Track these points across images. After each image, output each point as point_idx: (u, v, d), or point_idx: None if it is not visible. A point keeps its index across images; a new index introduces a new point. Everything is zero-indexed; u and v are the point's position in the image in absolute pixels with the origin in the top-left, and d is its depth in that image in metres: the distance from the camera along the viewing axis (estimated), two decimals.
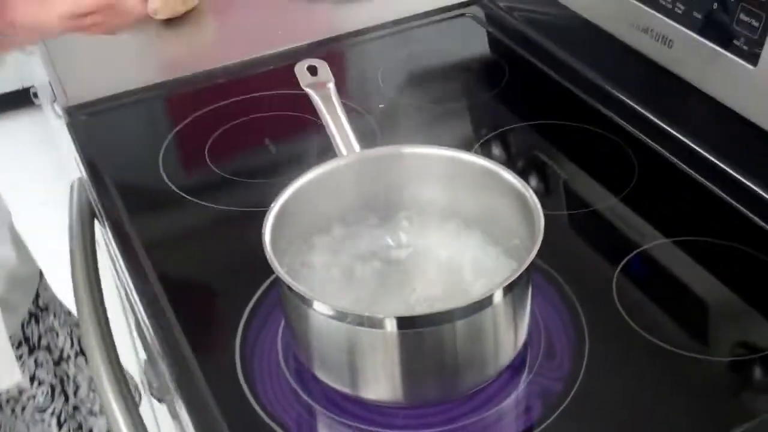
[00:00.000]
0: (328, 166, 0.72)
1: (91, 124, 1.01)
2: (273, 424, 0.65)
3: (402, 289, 0.69)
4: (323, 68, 0.85)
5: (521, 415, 0.66)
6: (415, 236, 0.72)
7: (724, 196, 0.85)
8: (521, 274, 0.61)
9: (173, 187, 0.90)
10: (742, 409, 0.67)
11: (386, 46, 1.15)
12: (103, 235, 0.95)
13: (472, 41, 1.18)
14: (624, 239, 0.82)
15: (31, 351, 0.91)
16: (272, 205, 0.67)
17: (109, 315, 0.83)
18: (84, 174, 0.96)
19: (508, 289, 0.61)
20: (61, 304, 1.00)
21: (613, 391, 0.67)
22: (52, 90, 1.11)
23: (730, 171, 0.86)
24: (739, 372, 0.69)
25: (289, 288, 0.62)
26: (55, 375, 0.95)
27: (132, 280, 0.79)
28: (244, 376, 0.68)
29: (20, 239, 0.94)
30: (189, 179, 0.92)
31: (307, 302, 0.62)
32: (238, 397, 0.67)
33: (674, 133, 0.91)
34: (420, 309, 0.66)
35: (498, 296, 0.61)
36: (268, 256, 0.62)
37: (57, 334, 0.97)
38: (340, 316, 0.60)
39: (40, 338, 0.93)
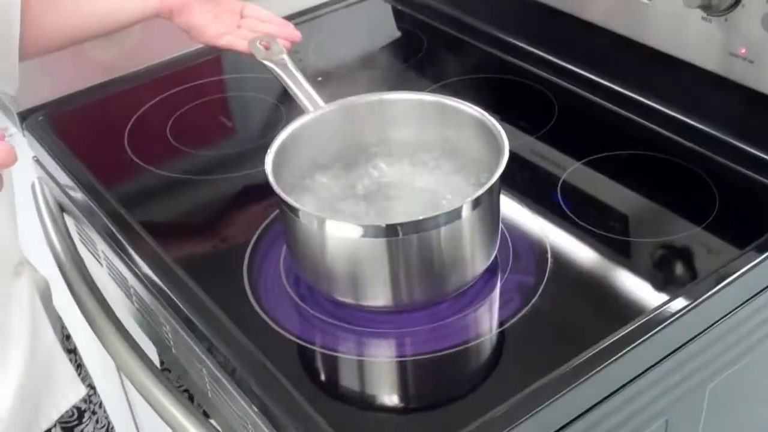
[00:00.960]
0: (310, 115, 0.81)
1: (46, 125, 1.07)
2: (281, 330, 0.74)
3: (385, 214, 0.78)
4: (274, 42, 0.94)
5: (504, 306, 0.76)
6: (392, 171, 0.82)
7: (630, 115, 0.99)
8: (490, 187, 0.72)
9: (146, 166, 0.97)
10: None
11: (308, 30, 1.24)
12: (77, 226, 1.01)
13: (385, 19, 1.29)
14: (560, 161, 0.94)
15: None
16: (270, 147, 0.76)
17: None
18: (48, 171, 1.02)
19: (481, 199, 0.71)
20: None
21: (577, 272, 0.79)
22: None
23: (631, 94, 0.99)
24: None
25: (290, 207, 0.71)
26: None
27: (134, 250, 0.85)
28: (255, 298, 0.77)
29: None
30: (159, 158, 0.99)
31: (310, 218, 0.71)
32: (250, 313, 0.76)
33: (588, 74, 1.04)
34: None
35: (469, 207, 0.71)
36: (271, 182, 0.71)
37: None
38: (339, 228, 0.70)
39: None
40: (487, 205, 0.73)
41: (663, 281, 0.78)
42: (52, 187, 1.04)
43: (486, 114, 0.78)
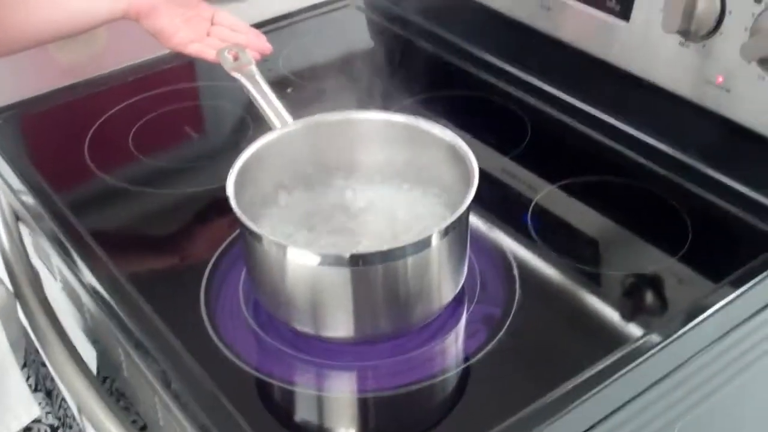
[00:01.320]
0: (276, 133, 0.78)
1: (5, 129, 1.03)
2: (237, 361, 0.71)
3: (351, 239, 0.75)
4: (243, 52, 0.91)
5: (469, 338, 0.74)
6: (359, 194, 0.79)
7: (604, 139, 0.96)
8: (460, 216, 0.69)
9: (104, 175, 0.94)
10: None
11: (280, 38, 1.21)
12: (31, 236, 0.98)
13: (359, 30, 1.26)
14: (532, 183, 0.91)
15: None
16: (233, 166, 0.73)
17: None
18: (3, 176, 0.98)
19: (450, 228, 0.69)
20: None
21: (546, 303, 0.76)
22: None
23: (605, 118, 0.98)
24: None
25: (251, 232, 0.68)
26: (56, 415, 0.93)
27: (86, 264, 0.82)
28: (211, 324, 0.74)
29: None
30: (118, 169, 0.95)
31: (271, 245, 0.68)
32: (205, 340, 0.73)
33: (562, 95, 1.02)
34: None
35: (438, 236, 0.68)
36: (232, 205, 0.68)
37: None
38: (301, 256, 0.67)
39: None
40: (456, 233, 0.70)
41: (634, 314, 0.76)
42: (8, 193, 1.00)
43: (457, 137, 0.75)
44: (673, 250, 0.81)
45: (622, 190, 0.89)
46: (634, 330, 0.73)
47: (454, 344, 0.75)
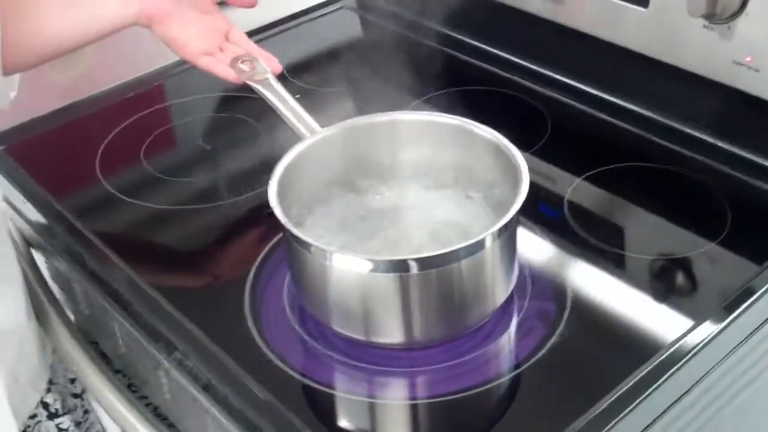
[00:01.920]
0: (312, 139, 0.76)
1: (7, 157, 1.00)
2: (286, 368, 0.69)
3: (393, 243, 0.74)
4: (257, 62, 0.89)
5: (522, 339, 0.72)
6: (398, 196, 0.77)
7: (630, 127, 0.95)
8: (512, 217, 0.67)
9: (124, 197, 0.91)
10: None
11: (277, 45, 1.19)
12: (48, 262, 0.95)
13: (357, 31, 1.24)
14: (559, 176, 0.90)
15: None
16: (272, 176, 0.71)
17: None
18: (16, 207, 0.95)
19: (503, 230, 0.67)
20: None
21: (597, 298, 0.75)
22: None
23: (630, 106, 0.96)
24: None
25: (296, 238, 0.66)
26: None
27: (121, 288, 0.79)
28: (259, 334, 0.72)
29: None
30: (136, 187, 0.92)
31: (319, 252, 0.66)
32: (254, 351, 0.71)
33: (583, 86, 1.00)
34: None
35: (492, 238, 0.66)
36: (278, 215, 0.67)
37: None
38: (353, 263, 0.65)
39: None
40: (508, 233, 0.68)
41: (683, 304, 0.74)
42: (19, 221, 0.96)
43: (500, 136, 0.74)
44: (712, 235, 0.80)
45: (653, 175, 0.88)
46: (685, 320, 0.72)
47: (507, 346, 0.73)
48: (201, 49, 0.89)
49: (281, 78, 1.05)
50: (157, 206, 0.89)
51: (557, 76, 1.03)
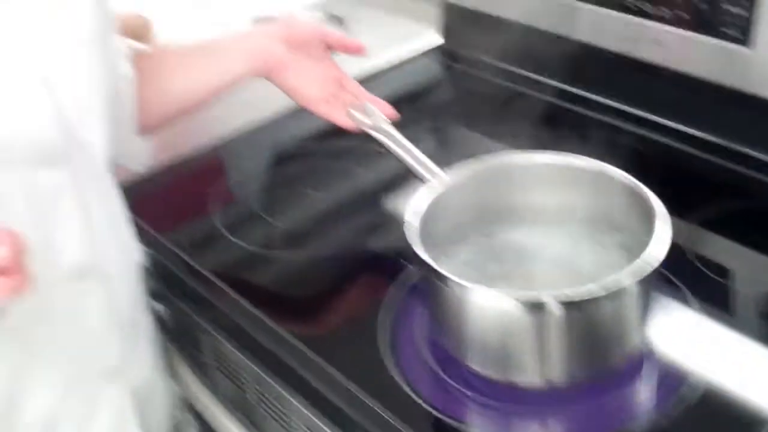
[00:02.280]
0: (444, 184, 0.78)
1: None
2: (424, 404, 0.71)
3: (524, 284, 0.75)
4: (374, 111, 0.91)
5: (659, 386, 0.72)
6: (529, 238, 0.79)
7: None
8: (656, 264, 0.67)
9: (243, 245, 0.93)
10: None
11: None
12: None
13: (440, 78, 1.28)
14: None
15: None
16: (407, 223, 0.73)
17: None
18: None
19: (647, 277, 0.67)
20: None
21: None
22: None
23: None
24: None
25: (438, 276, 0.68)
26: None
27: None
28: (398, 371, 0.74)
29: None
30: (254, 235, 0.95)
31: (464, 289, 0.67)
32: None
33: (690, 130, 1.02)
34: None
35: (635, 282, 0.67)
36: (418, 251, 0.69)
37: None
38: (499, 301, 0.66)
39: None
40: (647, 278, 0.68)
41: None
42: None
43: (635, 180, 0.74)
44: None
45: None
46: None
47: (644, 392, 0.73)
48: (319, 96, 0.92)
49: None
50: (271, 252, 0.92)
51: (665, 121, 1.04)
